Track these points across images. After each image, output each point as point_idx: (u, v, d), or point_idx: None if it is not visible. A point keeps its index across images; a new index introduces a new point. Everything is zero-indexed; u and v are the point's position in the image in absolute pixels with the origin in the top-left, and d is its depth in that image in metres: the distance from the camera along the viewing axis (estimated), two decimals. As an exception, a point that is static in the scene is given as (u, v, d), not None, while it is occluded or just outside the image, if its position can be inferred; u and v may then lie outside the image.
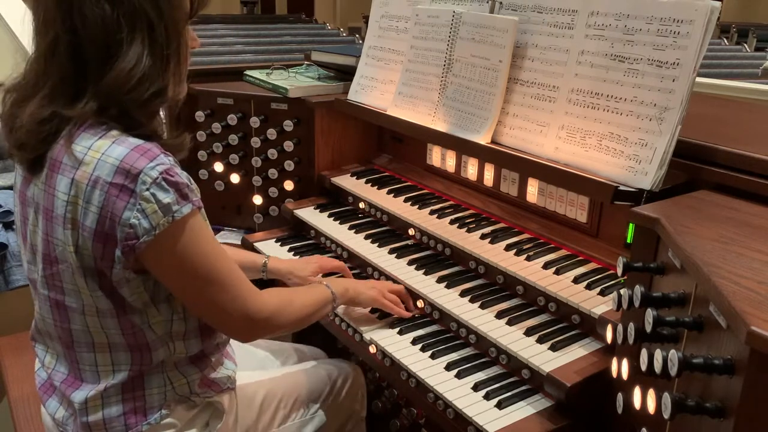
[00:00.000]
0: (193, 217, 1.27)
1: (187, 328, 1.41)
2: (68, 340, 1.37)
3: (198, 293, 1.33)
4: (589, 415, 1.42)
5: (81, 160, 1.22)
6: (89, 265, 1.26)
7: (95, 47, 1.22)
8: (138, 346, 1.36)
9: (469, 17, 1.93)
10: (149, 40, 1.24)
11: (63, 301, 1.32)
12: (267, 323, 1.45)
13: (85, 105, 1.23)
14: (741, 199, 1.38)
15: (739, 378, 0.92)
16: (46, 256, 1.31)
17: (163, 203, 1.22)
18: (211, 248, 1.32)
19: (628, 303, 1.21)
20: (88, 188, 1.21)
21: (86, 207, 1.22)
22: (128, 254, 1.24)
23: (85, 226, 1.23)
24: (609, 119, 1.59)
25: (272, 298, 1.48)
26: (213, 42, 5.92)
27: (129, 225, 1.21)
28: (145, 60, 1.23)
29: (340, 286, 1.72)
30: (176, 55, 1.30)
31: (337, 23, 11.35)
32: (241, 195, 2.52)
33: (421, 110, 2.07)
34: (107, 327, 1.33)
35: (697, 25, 1.44)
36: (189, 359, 1.45)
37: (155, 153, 1.23)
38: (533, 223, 1.88)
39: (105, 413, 1.38)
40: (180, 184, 1.24)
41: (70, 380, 1.40)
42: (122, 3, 1.21)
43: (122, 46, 1.22)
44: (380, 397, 2.26)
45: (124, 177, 1.20)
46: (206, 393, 1.49)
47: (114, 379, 1.37)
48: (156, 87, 1.25)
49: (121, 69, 1.21)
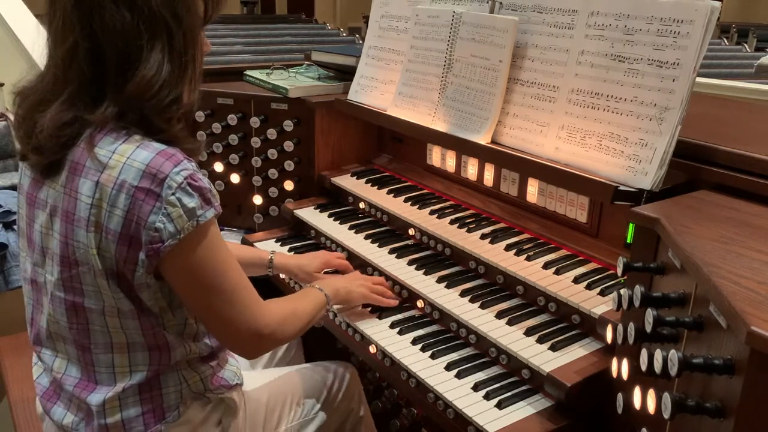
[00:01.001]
0: (214, 223, 1.30)
1: (198, 330, 1.43)
2: (85, 341, 1.37)
3: (209, 304, 1.33)
4: (589, 415, 1.42)
5: (105, 164, 1.23)
6: (111, 267, 1.27)
7: (115, 53, 1.22)
8: (157, 346, 1.37)
9: (469, 17, 1.93)
10: (169, 47, 1.25)
11: (82, 303, 1.32)
12: (273, 337, 1.45)
13: (105, 110, 1.24)
14: (741, 199, 1.38)
15: (739, 378, 0.92)
16: (64, 259, 1.30)
17: (188, 207, 1.23)
18: (227, 257, 1.34)
19: (628, 303, 1.21)
20: (113, 192, 1.22)
21: (111, 210, 1.23)
22: (152, 258, 1.25)
23: (109, 229, 1.24)
24: (609, 119, 1.59)
25: (278, 309, 1.48)
26: (213, 42, 5.89)
27: (154, 228, 1.22)
28: (165, 67, 1.24)
29: (332, 287, 1.74)
30: (193, 62, 1.31)
31: (337, 23, 11.36)
32: (241, 195, 2.52)
33: (421, 110, 2.07)
34: (128, 327, 1.34)
35: (697, 25, 1.44)
36: (201, 357, 1.47)
37: (179, 158, 1.24)
38: (533, 223, 1.88)
39: (123, 415, 1.38)
40: (203, 189, 1.26)
41: (84, 383, 1.40)
42: (142, 10, 1.21)
43: (143, 52, 1.23)
44: (380, 397, 2.26)
45: (150, 181, 1.21)
46: (218, 390, 1.51)
47: (131, 380, 1.38)
48: (174, 94, 1.27)
49: (143, 76, 1.22)
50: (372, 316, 1.81)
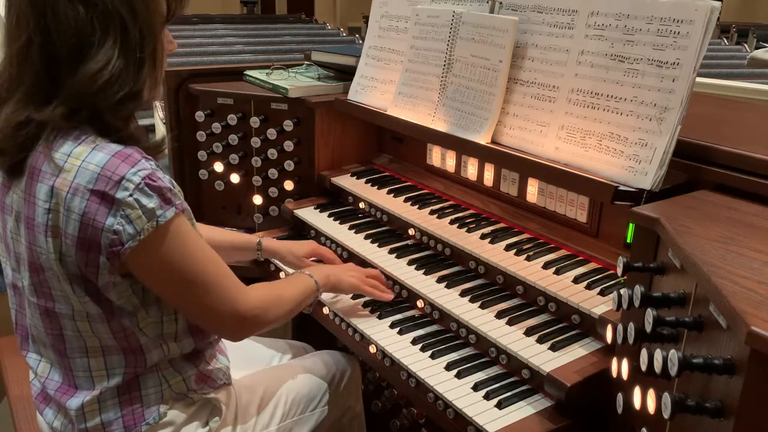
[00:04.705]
0: (177, 221, 1.27)
1: (177, 328, 1.41)
2: (61, 346, 1.36)
3: (186, 296, 1.33)
4: (589, 415, 1.42)
5: (61, 168, 1.21)
6: (74, 272, 1.26)
7: (67, 49, 1.20)
8: (131, 349, 1.36)
9: (469, 17, 1.93)
10: (122, 42, 1.23)
11: (53, 307, 1.32)
12: (257, 320, 1.45)
13: (54, 108, 1.21)
14: (741, 199, 1.38)
15: (739, 378, 0.92)
16: (31, 264, 1.30)
17: (147, 208, 1.21)
18: (197, 250, 1.32)
19: (628, 303, 1.21)
20: (68, 196, 1.21)
21: (67, 215, 1.21)
22: (113, 260, 1.23)
23: (67, 234, 1.22)
24: (609, 119, 1.59)
25: (261, 294, 1.48)
26: (213, 42, 5.92)
27: (113, 231, 1.20)
28: (115, 62, 1.22)
29: (322, 273, 1.73)
30: (152, 58, 1.28)
31: (337, 23, 11.35)
32: (241, 195, 2.52)
33: (421, 110, 2.07)
34: (98, 331, 1.33)
35: (697, 25, 1.44)
36: (183, 356, 1.45)
37: (136, 158, 1.22)
38: (533, 223, 1.88)
39: (103, 418, 1.38)
40: (163, 188, 1.24)
41: (65, 388, 1.40)
42: (96, 5, 1.19)
43: (93, 48, 1.21)
44: (380, 397, 2.26)
45: (105, 184, 1.19)
46: (203, 389, 1.49)
47: (109, 383, 1.37)
48: (128, 89, 1.24)
49: (88, 69, 1.20)
50: (372, 315, 1.81)
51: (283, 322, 1.63)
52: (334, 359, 1.89)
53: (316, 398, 1.78)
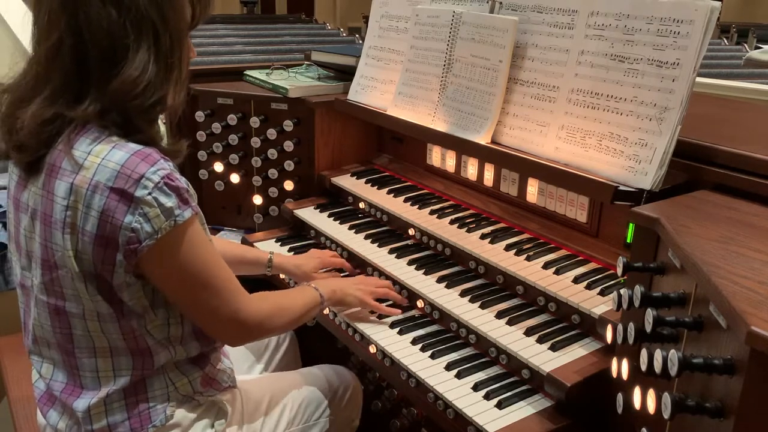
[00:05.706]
0: (192, 222, 1.29)
1: (184, 332, 1.42)
2: (69, 346, 1.36)
3: (193, 297, 1.34)
4: (589, 415, 1.42)
5: (81, 165, 1.22)
6: (89, 270, 1.26)
7: (100, 51, 1.22)
8: (140, 351, 1.36)
9: (469, 17, 1.93)
10: (155, 47, 1.25)
11: (63, 306, 1.32)
12: (258, 328, 1.47)
13: (88, 107, 1.23)
14: (741, 199, 1.38)
15: (739, 378, 0.92)
16: (45, 262, 1.30)
17: (165, 207, 1.23)
18: (208, 254, 1.33)
19: (628, 303, 1.21)
20: (88, 193, 1.22)
21: (86, 212, 1.22)
22: (130, 258, 1.24)
23: (85, 231, 1.23)
24: (609, 119, 1.59)
25: (265, 304, 1.49)
26: (213, 42, 5.91)
27: (131, 229, 1.21)
28: (150, 67, 1.24)
29: (328, 288, 1.74)
30: (179, 64, 1.31)
31: (337, 23, 11.35)
32: (241, 195, 2.52)
33: (421, 110, 2.07)
34: (108, 331, 1.33)
35: (697, 25, 1.44)
36: (189, 359, 1.45)
37: (155, 158, 1.24)
38: (533, 223, 1.88)
39: (109, 420, 1.38)
40: (181, 188, 1.25)
41: (70, 389, 1.40)
42: (129, 9, 1.22)
43: (128, 51, 1.23)
44: (380, 397, 2.26)
45: (125, 182, 1.20)
46: (209, 391, 1.50)
47: (115, 384, 1.37)
48: (158, 95, 1.26)
49: (128, 75, 1.22)
50: (372, 315, 1.81)
51: (284, 333, 1.64)
52: (337, 373, 1.90)
53: (320, 408, 1.79)
